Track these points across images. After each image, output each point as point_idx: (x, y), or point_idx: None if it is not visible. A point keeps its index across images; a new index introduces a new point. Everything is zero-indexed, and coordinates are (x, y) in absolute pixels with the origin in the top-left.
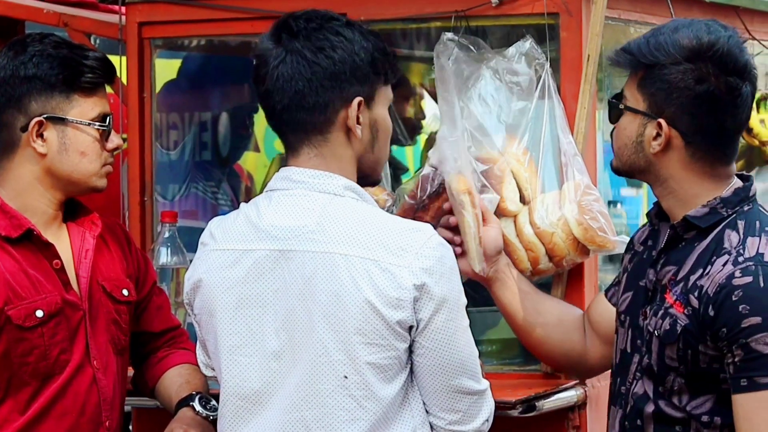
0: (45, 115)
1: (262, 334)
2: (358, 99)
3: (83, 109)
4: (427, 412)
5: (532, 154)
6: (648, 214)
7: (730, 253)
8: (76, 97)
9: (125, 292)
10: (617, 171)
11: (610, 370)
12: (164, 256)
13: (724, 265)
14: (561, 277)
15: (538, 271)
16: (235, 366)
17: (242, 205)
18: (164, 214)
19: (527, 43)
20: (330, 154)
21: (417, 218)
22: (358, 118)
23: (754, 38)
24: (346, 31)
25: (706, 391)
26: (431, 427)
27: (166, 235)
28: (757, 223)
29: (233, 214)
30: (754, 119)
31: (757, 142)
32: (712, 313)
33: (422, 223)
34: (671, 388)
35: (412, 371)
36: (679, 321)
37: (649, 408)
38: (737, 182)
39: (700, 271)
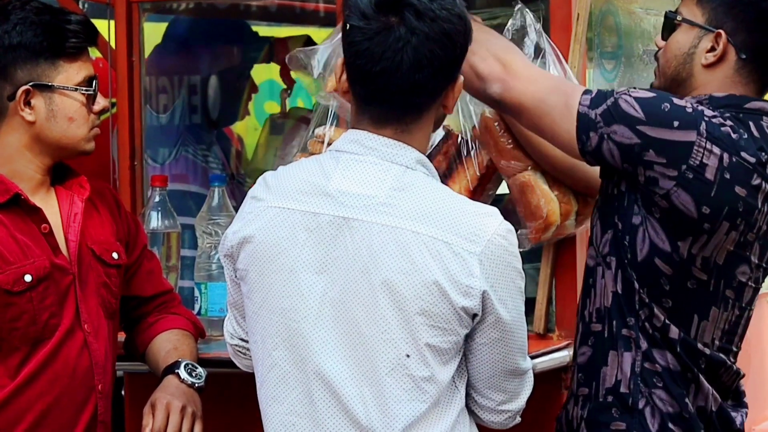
0: (32, 83)
1: (317, 302)
2: (461, 78)
3: (69, 74)
4: (469, 394)
5: None
6: None
7: None
8: (61, 63)
9: (115, 255)
10: (657, 87)
11: None
12: (155, 221)
13: None
14: (549, 249)
15: (563, 229)
16: (285, 330)
17: (301, 160)
18: (154, 178)
19: (520, 16)
20: (417, 130)
21: None
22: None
23: None
24: (460, 10)
25: None
26: (475, 408)
27: (157, 199)
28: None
29: (292, 169)
30: None
31: None
32: None
33: (491, 207)
34: None
35: (465, 355)
36: None
37: None
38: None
39: None
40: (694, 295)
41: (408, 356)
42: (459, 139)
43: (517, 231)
